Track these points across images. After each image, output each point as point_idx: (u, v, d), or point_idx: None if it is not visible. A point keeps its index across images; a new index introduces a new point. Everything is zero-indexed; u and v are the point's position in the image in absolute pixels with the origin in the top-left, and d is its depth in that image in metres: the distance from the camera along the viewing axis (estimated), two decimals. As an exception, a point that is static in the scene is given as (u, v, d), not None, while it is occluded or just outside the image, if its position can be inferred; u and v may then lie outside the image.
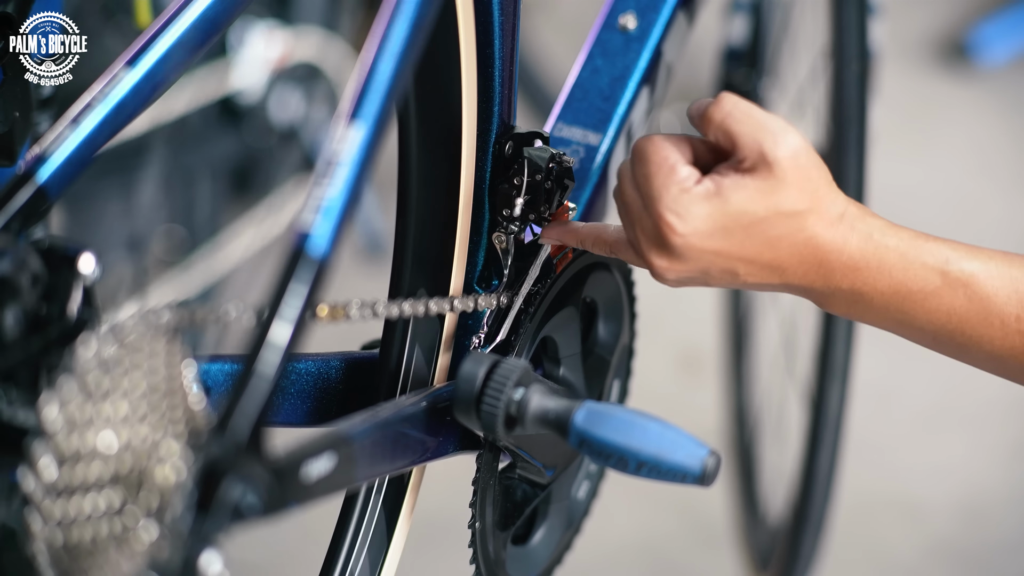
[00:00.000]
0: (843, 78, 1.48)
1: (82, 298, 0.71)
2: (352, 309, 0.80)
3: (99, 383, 0.64)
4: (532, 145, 0.92)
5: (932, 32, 3.07)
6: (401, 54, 0.75)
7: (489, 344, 0.93)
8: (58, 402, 0.63)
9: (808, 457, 1.64)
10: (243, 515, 0.64)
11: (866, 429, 2.10)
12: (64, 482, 0.63)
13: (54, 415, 0.63)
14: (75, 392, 0.64)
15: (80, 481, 0.63)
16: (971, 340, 0.82)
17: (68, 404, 0.63)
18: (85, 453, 0.63)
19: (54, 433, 0.63)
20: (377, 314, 0.82)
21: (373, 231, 2.53)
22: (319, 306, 0.77)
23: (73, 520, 0.63)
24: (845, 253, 0.80)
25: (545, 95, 2.69)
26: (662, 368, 2.29)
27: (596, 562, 1.99)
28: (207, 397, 0.68)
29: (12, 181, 0.74)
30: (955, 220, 2.62)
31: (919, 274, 0.81)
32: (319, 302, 0.70)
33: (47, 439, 0.63)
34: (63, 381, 0.64)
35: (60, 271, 0.70)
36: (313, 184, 0.71)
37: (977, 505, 2.12)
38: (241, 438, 0.65)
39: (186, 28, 0.80)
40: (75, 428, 0.63)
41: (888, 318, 0.82)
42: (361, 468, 0.77)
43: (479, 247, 0.93)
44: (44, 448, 0.63)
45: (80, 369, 0.64)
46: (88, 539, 0.63)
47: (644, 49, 1.07)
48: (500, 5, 0.88)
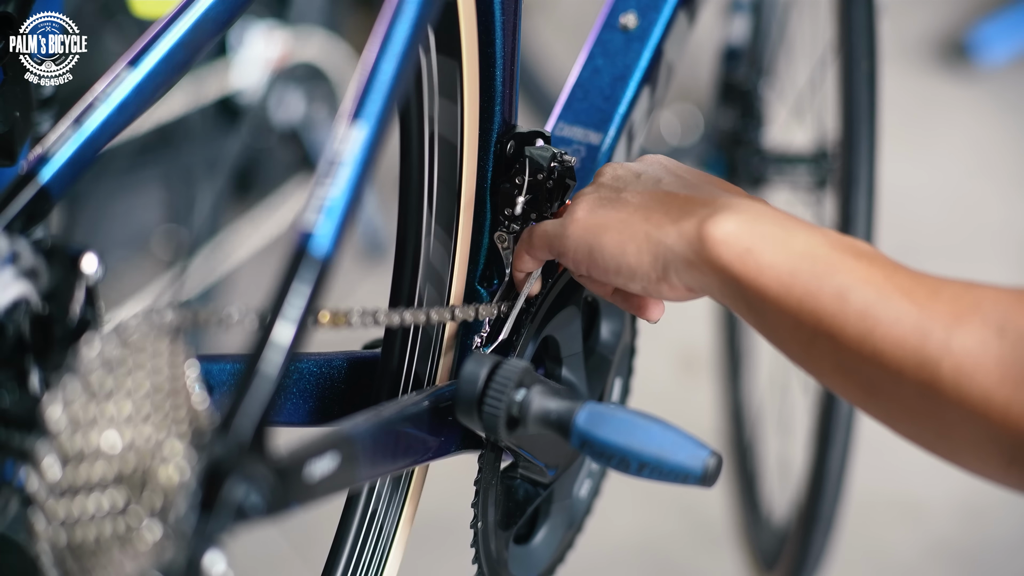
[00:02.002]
0: (853, 78, 1.47)
1: (85, 298, 0.71)
2: (353, 317, 0.80)
3: (102, 383, 0.64)
4: (534, 144, 0.92)
5: (932, 32, 3.07)
6: (403, 54, 0.75)
7: (491, 344, 0.93)
8: (62, 402, 0.63)
9: (818, 455, 1.63)
10: (247, 515, 0.64)
11: (866, 429, 2.10)
12: (68, 482, 0.62)
13: (58, 415, 0.63)
14: (79, 392, 0.64)
15: (84, 481, 0.63)
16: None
17: (72, 404, 0.63)
18: (89, 453, 0.63)
19: (58, 433, 0.63)
20: (378, 322, 0.82)
21: (373, 231, 2.53)
22: (320, 312, 0.77)
23: (77, 520, 0.63)
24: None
25: (546, 95, 2.69)
26: (662, 368, 2.29)
27: (597, 562, 1.99)
28: (210, 397, 0.68)
29: (15, 181, 0.74)
30: (954, 220, 2.63)
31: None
32: (322, 302, 0.70)
33: (51, 439, 0.63)
34: (67, 381, 0.64)
35: (63, 271, 0.70)
36: (315, 184, 0.71)
37: (977, 505, 2.12)
38: (244, 438, 0.65)
39: (188, 28, 0.80)
40: (79, 428, 0.63)
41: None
42: (363, 468, 0.77)
43: (481, 246, 0.93)
44: (48, 448, 0.63)
45: (83, 369, 0.64)
46: (92, 539, 0.63)
47: (645, 48, 1.07)
48: (501, 5, 0.88)
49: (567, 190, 0.93)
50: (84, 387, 0.63)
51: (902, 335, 0.68)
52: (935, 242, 2.56)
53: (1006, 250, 2.56)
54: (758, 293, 0.74)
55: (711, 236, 0.76)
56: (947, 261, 2.52)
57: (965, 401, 0.65)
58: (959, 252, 2.56)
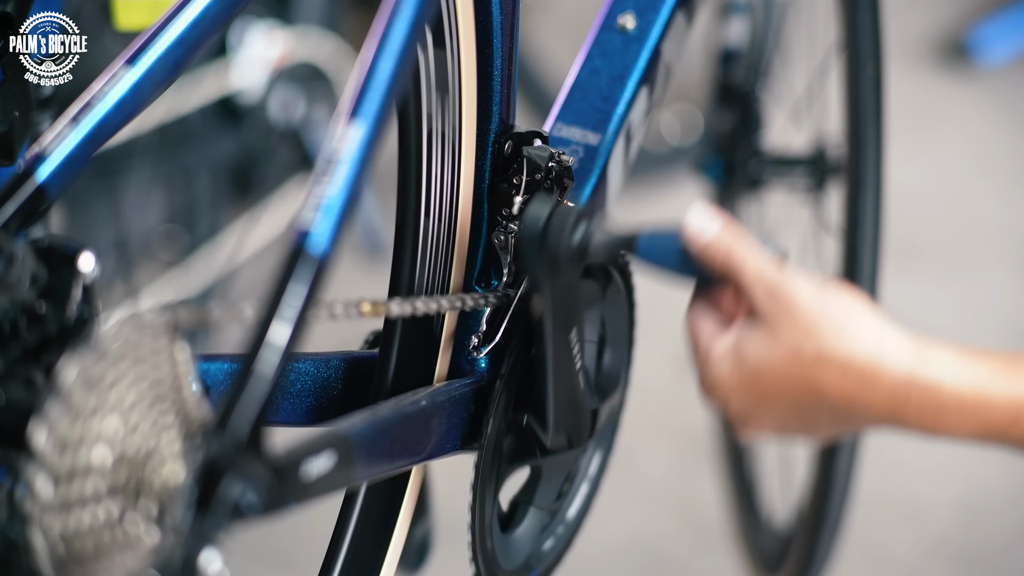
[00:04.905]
0: (859, 81, 1.47)
1: (82, 297, 0.71)
2: (393, 307, 0.83)
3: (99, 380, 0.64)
4: (531, 144, 0.92)
5: (932, 32, 3.08)
6: (401, 53, 0.75)
7: (488, 343, 0.93)
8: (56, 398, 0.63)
9: (825, 458, 1.62)
10: (243, 514, 0.64)
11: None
12: (61, 499, 0.62)
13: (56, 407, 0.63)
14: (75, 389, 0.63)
15: (77, 497, 0.62)
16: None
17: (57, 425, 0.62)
18: (84, 449, 0.63)
19: (58, 420, 0.62)
20: (416, 310, 0.84)
21: (372, 230, 2.53)
22: (362, 303, 0.78)
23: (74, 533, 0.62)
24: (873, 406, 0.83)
25: (544, 95, 2.69)
26: (660, 367, 2.29)
27: (596, 562, 1.99)
28: (206, 396, 0.68)
29: (12, 180, 0.74)
30: (954, 219, 2.63)
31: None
32: (319, 300, 0.70)
33: (51, 425, 0.62)
34: (63, 377, 0.64)
35: (60, 270, 0.71)
36: (313, 182, 0.71)
37: (977, 505, 2.12)
38: (241, 437, 0.65)
39: (186, 27, 0.80)
40: (78, 418, 0.62)
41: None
42: (361, 467, 0.77)
43: (479, 246, 0.93)
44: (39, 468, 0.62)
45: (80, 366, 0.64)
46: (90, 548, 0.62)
47: (643, 49, 1.07)
48: (500, 5, 0.88)
49: (565, 190, 0.93)
50: (81, 383, 0.63)
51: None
52: (934, 241, 2.56)
53: (1005, 249, 2.56)
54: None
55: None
56: (946, 261, 2.52)
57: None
58: (958, 251, 2.56)
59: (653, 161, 2.72)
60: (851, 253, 1.53)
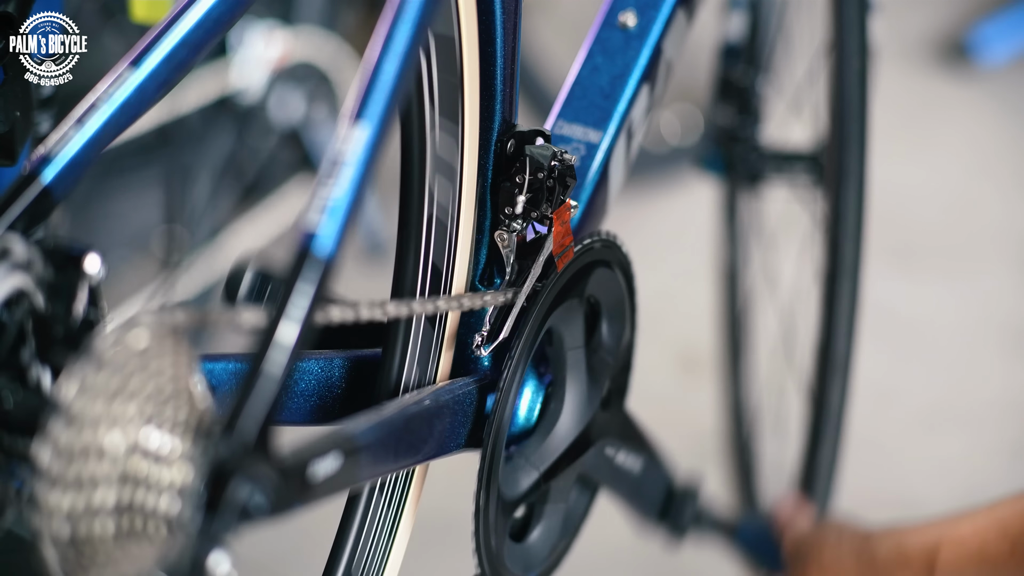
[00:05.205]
0: (844, 75, 1.48)
1: (87, 298, 0.71)
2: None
3: (108, 383, 0.64)
4: (534, 143, 0.92)
5: (932, 32, 3.08)
6: (404, 54, 0.75)
7: (492, 341, 0.93)
8: (64, 401, 0.63)
9: (809, 453, 1.63)
10: (251, 515, 0.64)
11: (866, 428, 2.10)
12: (70, 475, 0.62)
13: (60, 415, 0.63)
14: (82, 391, 0.63)
15: (87, 476, 0.62)
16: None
17: (77, 400, 0.63)
18: (93, 450, 0.63)
19: (61, 432, 0.62)
20: (438, 307, 0.86)
21: (374, 231, 2.53)
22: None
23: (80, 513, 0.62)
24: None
25: (546, 93, 2.69)
26: (662, 368, 2.29)
27: (595, 562, 1.99)
28: (212, 397, 0.68)
29: (17, 182, 0.74)
30: (954, 220, 2.63)
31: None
32: (326, 301, 0.70)
33: (54, 438, 0.62)
34: (69, 380, 0.64)
35: (65, 271, 0.71)
36: (318, 184, 0.71)
37: (977, 505, 2.12)
38: (248, 438, 0.65)
39: (190, 28, 0.80)
40: (83, 427, 0.62)
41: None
42: (366, 467, 0.77)
43: (481, 245, 0.93)
44: (51, 446, 0.62)
45: (87, 369, 0.64)
46: (95, 535, 0.63)
47: (644, 47, 1.08)
48: (502, 4, 0.88)
49: (567, 189, 0.93)
50: (88, 387, 0.63)
51: None
52: (935, 241, 2.56)
53: (1006, 249, 2.56)
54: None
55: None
56: (946, 261, 2.52)
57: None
58: (958, 252, 2.56)
59: (653, 161, 2.72)
60: (833, 246, 1.54)
